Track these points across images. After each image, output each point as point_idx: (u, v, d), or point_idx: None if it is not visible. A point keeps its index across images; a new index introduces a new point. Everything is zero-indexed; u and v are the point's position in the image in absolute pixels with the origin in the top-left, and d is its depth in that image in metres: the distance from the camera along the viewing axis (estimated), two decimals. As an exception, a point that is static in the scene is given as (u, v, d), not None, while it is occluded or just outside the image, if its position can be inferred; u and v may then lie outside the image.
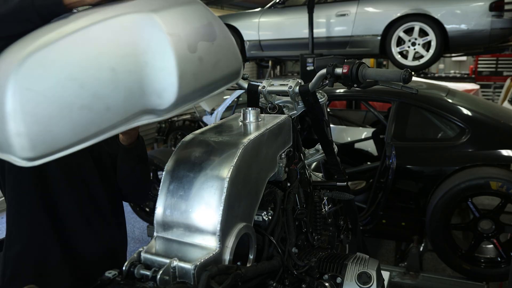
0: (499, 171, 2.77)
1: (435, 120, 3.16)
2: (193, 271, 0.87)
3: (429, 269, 3.51)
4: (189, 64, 0.95)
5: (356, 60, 1.25)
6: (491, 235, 2.83)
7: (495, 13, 4.70)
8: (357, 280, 1.22)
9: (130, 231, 4.57)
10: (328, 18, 5.56)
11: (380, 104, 5.36)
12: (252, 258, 1.06)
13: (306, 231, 1.38)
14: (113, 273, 0.88)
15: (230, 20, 6.12)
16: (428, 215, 2.88)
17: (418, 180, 3.07)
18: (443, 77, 10.09)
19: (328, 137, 1.60)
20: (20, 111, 0.77)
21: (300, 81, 1.41)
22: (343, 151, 3.98)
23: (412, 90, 1.20)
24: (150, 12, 0.91)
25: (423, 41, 5.01)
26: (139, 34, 0.89)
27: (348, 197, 1.67)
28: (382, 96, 3.31)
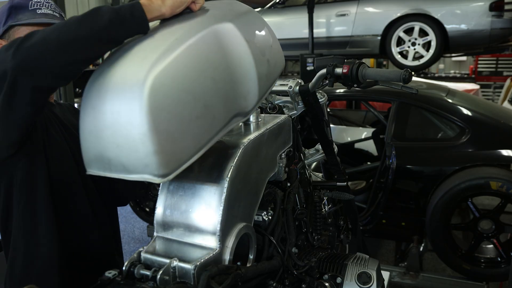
0: (499, 171, 2.77)
1: (435, 120, 3.16)
2: (193, 271, 0.87)
3: (429, 269, 3.51)
4: (263, 67, 1.05)
5: (356, 60, 1.25)
6: (491, 235, 2.83)
7: (495, 13, 4.71)
8: (357, 280, 1.22)
9: (130, 231, 4.57)
10: (328, 18, 5.56)
11: (380, 104, 5.36)
12: (252, 258, 1.06)
13: (306, 231, 1.38)
14: (113, 273, 0.88)
15: (230, 20, 6.11)
16: (428, 215, 2.88)
17: (418, 180, 3.07)
18: (443, 77, 10.09)
19: (328, 137, 1.60)
20: (155, 131, 0.79)
21: (300, 81, 1.41)
22: (343, 151, 3.98)
23: (412, 90, 1.20)
24: (229, 22, 0.98)
25: (423, 41, 5.01)
26: (226, 43, 0.96)
27: (348, 197, 1.67)
28: (382, 96, 3.31)
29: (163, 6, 0.94)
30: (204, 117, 0.90)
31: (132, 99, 0.80)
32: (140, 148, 0.80)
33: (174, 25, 0.94)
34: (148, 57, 0.83)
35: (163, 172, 0.82)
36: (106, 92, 0.83)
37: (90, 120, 0.85)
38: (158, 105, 0.80)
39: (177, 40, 0.87)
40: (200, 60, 0.89)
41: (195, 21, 0.96)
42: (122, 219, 4.62)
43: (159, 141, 0.80)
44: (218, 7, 1.07)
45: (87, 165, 0.89)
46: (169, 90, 0.82)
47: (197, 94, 0.88)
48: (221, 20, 0.98)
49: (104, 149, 0.84)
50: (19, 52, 0.87)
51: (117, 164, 0.83)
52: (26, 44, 0.88)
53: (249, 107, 1.04)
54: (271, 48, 1.12)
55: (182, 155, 0.85)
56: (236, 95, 0.97)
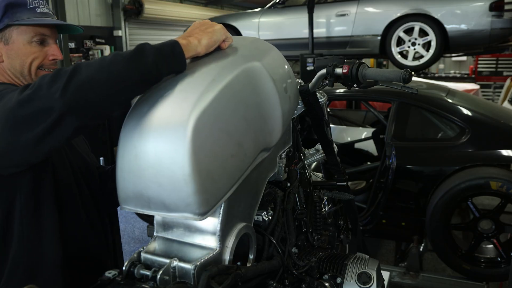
0: (499, 171, 2.77)
1: (435, 120, 3.16)
2: (193, 271, 0.87)
3: (429, 269, 3.52)
4: (286, 103, 1.10)
5: (356, 60, 1.25)
6: (491, 235, 2.83)
7: (495, 13, 4.70)
8: (357, 280, 1.22)
9: (130, 231, 4.57)
10: (328, 18, 5.56)
11: (380, 104, 5.36)
12: (252, 258, 1.06)
13: (306, 231, 1.38)
14: (113, 273, 0.88)
15: (230, 20, 6.11)
16: (428, 215, 2.88)
17: (418, 180, 3.07)
18: (443, 77, 10.09)
19: (328, 137, 1.59)
20: (197, 171, 0.82)
21: (300, 81, 1.41)
22: (343, 151, 3.98)
23: (412, 90, 1.20)
24: (257, 61, 1.03)
25: (423, 41, 5.01)
26: (255, 82, 1.01)
27: (348, 197, 1.67)
28: (382, 96, 3.32)
29: (199, 46, 0.98)
30: (238, 155, 0.94)
31: (176, 141, 0.82)
32: (183, 188, 0.82)
33: (208, 65, 0.98)
34: (188, 98, 0.86)
35: (203, 211, 0.85)
36: (149, 132, 0.86)
37: (131, 159, 0.88)
38: (200, 146, 0.83)
39: (214, 81, 0.90)
40: (234, 100, 0.93)
41: (228, 61, 1.00)
42: (122, 219, 4.62)
43: (201, 181, 0.83)
44: (245, 45, 1.12)
45: (123, 202, 0.91)
46: (209, 131, 0.86)
47: (232, 133, 0.92)
48: (250, 60, 1.02)
49: (145, 188, 0.86)
50: (68, 91, 0.86)
51: (157, 202, 0.86)
52: (74, 82, 0.86)
53: (274, 142, 1.09)
54: (291, 84, 1.17)
55: (219, 193, 0.89)
56: (263, 132, 1.02)
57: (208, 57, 1.01)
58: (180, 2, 8.94)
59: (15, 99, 0.89)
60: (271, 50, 1.16)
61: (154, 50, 0.91)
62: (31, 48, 1.18)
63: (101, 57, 0.93)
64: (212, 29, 1.03)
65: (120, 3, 7.23)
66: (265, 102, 1.03)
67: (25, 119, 0.88)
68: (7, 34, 1.16)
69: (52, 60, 1.22)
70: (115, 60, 0.89)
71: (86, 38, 6.58)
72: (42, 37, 1.19)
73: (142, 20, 7.61)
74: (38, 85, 0.88)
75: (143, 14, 7.37)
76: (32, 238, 1.15)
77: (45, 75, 0.90)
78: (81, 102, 0.87)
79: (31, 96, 0.88)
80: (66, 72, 0.88)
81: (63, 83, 0.86)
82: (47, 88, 0.87)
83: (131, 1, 7.39)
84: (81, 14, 6.58)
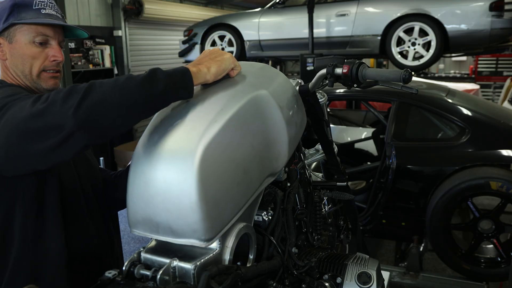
0: (499, 171, 2.77)
1: (435, 120, 3.16)
2: (193, 271, 0.87)
3: (429, 269, 3.51)
4: (292, 130, 1.13)
5: (356, 60, 1.25)
6: (491, 235, 2.83)
7: (495, 13, 4.70)
8: (357, 280, 1.21)
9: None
10: (328, 18, 5.55)
11: (380, 104, 5.36)
12: (252, 258, 1.06)
13: (306, 231, 1.38)
14: (113, 273, 0.88)
15: (230, 20, 6.11)
16: (428, 215, 2.88)
17: (418, 180, 3.07)
18: (443, 77, 10.09)
19: (328, 137, 1.59)
20: (204, 199, 0.85)
21: (300, 81, 1.41)
22: (343, 151, 3.98)
23: (412, 90, 1.20)
24: (265, 89, 1.05)
25: (423, 41, 5.00)
26: (262, 110, 1.03)
27: (348, 197, 1.67)
28: (382, 96, 3.32)
29: (208, 74, 1.01)
30: (244, 182, 0.96)
31: (184, 169, 0.86)
32: (190, 215, 0.85)
33: (217, 93, 1.01)
34: (197, 128, 0.90)
35: (209, 237, 0.87)
36: (158, 160, 0.89)
37: (141, 185, 0.91)
38: (207, 174, 0.86)
39: (222, 111, 0.93)
40: (241, 129, 0.96)
41: (236, 89, 1.03)
42: (122, 219, 4.60)
43: (207, 209, 0.86)
44: (253, 72, 1.14)
45: (133, 226, 0.94)
46: (216, 160, 0.89)
47: (238, 161, 0.95)
48: (258, 88, 1.05)
49: (153, 214, 0.89)
50: (81, 111, 0.87)
51: (165, 228, 0.89)
52: (88, 102, 0.88)
53: (279, 168, 1.11)
54: (297, 110, 1.20)
55: (225, 220, 0.92)
56: (269, 158, 1.04)
57: (217, 85, 1.04)
58: (180, 2, 8.93)
59: (28, 111, 0.90)
60: (278, 76, 1.19)
61: (166, 76, 0.94)
62: (32, 48, 1.20)
63: (115, 78, 0.94)
64: (221, 58, 1.05)
65: (120, 3, 7.22)
66: (272, 129, 1.05)
67: (36, 132, 0.89)
68: (11, 33, 1.19)
69: (53, 61, 1.23)
70: (128, 83, 0.91)
71: (86, 38, 6.59)
72: (44, 38, 1.20)
73: (142, 20, 7.60)
74: (52, 100, 0.89)
75: (143, 14, 7.36)
76: (36, 238, 1.15)
77: (59, 90, 0.92)
78: (93, 122, 0.89)
79: (44, 110, 0.89)
80: (80, 90, 0.89)
81: (77, 102, 0.87)
82: (61, 105, 0.88)
83: (131, 1, 7.38)
84: (81, 14, 6.58)
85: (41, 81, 1.23)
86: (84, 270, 1.24)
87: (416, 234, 3.09)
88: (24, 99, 0.95)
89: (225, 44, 6.14)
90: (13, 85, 1.19)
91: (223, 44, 6.15)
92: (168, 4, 8.20)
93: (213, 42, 6.22)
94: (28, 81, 1.22)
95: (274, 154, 1.07)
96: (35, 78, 1.22)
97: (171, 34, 8.49)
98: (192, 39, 6.29)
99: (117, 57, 7.33)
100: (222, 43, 6.17)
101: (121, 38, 7.32)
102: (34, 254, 1.15)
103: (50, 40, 1.22)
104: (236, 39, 6.04)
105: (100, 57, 6.83)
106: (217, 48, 1.12)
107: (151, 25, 8.06)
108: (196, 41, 6.26)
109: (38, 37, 1.19)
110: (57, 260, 1.17)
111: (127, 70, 7.48)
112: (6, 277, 1.14)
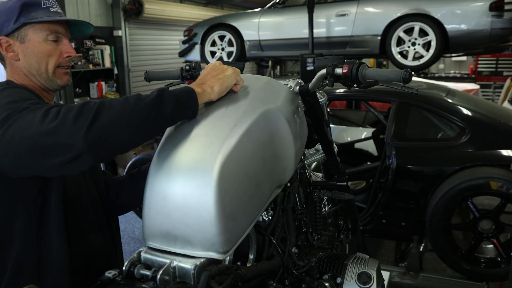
0: (499, 171, 2.77)
1: (435, 120, 3.16)
2: (193, 271, 0.87)
3: (429, 269, 3.51)
4: (298, 143, 1.17)
5: (356, 60, 1.25)
6: (491, 235, 2.83)
7: (495, 13, 4.70)
8: (357, 280, 1.21)
9: (130, 231, 4.57)
10: (328, 18, 5.55)
11: (380, 104, 5.36)
12: (252, 258, 1.06)
13: (306, 231, 1.38)
14: (113, 273, 0.88)
15: (230, 20, 6.11)
16: (428, 215, 2.88)
17: (418, 180, 3.07)
18: (443, 77, 10.09)
19: (328, 137, 1.59)
20: (222, 213, 0.88)
21: (300, 81, 1.40)
22: (343, 151, 3.98)
23: (412, 90, 1.20)
24: (273, 104, 1.10)
25: (423, 41, 5.00)
26: (272, 125, 1.07)
27: (348, 197, 1.67)
28: (382, 96, 3.32)
29: (212, 93, 1.04)
30: (257, 195, 1.00)
31: (203, 185, 0.88)
32: (208, 229, 0.88)
33: (228, 108, 1.04)
34: (214, 144, 0.93)
35: (226, 249, 0.90)
36: (176, 176, 0.92)
37: (159, 200, 0.93)
38: (225, 189, 0.89)
39: (236, 127, 0.97)
40: (254, 144, 1.00)
41: (247, 105, 1.06)
42: (122, 219, 4.62)
43: (225, 223, 0.89)
44: (260, 88, 1.17)
45: (149, 239, 0.95)
46: (232, 175, 0.92)
47: (252, 175, 0.98)
48: (267, 103, 1.09)
49: (172, 228, 0.91)
50: (91, 133, 0.88)
51: (183, 241, 0.91)
52: (98, 124, 0.89)
53: (286, 179, 1.15)
54: (300, 123, 1.24)
55: (240, 232, 0.95)
56: (278, 171, 1.07)
57: (228, 100, 1.08)
58: (180, 2, 8.93)
59: (38, 127, 0.90)
60: (284, 90, 1.22)
61: (173, 98, 0.96)
62: (46, 46, 1.22)
63: (124, 98, 0.95)
64: (223, 75, 1.08)
65: (120, 3, 7.22)
66: (280, 142, 1.09)
67: (46, 149, 0.90)
68: (22, 33, 1.20)
69: (66, 57, 1.25)
70: (136, 105, 0.93)
71: (86, 38, 6.56)
72: (57, 35, 1.23)
73: (142, 20, 7.60)
74: (63, 118, 0.90)
75: (143, 14, 7.35)
76: (39, 238, 1.15)
77: (69, 108, 0.92)
78: (102, 144, 0.90)
79: (55, 129, 0.89)
80: (90, 110, 0.90)
81: (87, 123, 0.89)
82: (71, 125, 0.89)
83: (131, 1, 7.38)
84: (81, 14, 6.57)
85: (57, 78, 1.25)
86: (88, 270, 1.24)
87: (416, 234, 3.09)
88: (32, 110, 0.95)
89: (225, 44, 6.14)
90: (20, 87, 1.19)
91: (223, 44, 6.15)
92: (168, 4, 8.20)
93: (213, 42, 6.22)
94: (43, 80, 1.23)
95: (282, 167, 1.11)
96: (50, 76, 1.23)
97: (171, 34, 8.49)
98: (192, 39, 6.29)
99: (117, 57, 7.33)
100: (222, 43, 6.17)
101: (121, 38, 7.32)
102: (36, 254, 1.15)
103: (62, 37, 1.25)
104: (236, 39, 6.04)
105: (100, 57, 6.83)
106: (218, 63, 1.10)
107: (151, 25, 8.06)
108: (196, 41, 6.26)
109: (51, 35, 1.21)
110: (60, 260, 1.17)
111: (127, 70, 7.48)
112: (6, 277, 1.13)
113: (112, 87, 7.28)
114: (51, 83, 1.25)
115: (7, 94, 1.07)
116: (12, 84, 1.21)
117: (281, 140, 1.09)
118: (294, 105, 1.23)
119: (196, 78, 1.56)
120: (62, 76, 1.26)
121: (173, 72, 1.57)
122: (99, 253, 1.29)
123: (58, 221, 1.16)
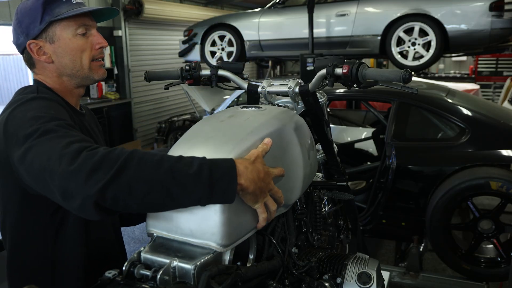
0: (499, 171, 2.77)
1: (435, 120, 3.16)
2: (193, 271, 0.87)
3: (429, 269, 3.51)
4: (307, 168, 1.20)
5: (356, 60, 1.25)
6: (491, 235, 2.83)
7: (495, 13, 4.70)
8: (357, 280, 1.22)
9: (130, 231, 4.57)
10: (328, 18, 5.55)
11: (380, 104, 5.36)
12: (252, 258, 1.06)
13: (306, 231, 1.38)
14: (113, 273, 0.88)
15: (230, 20, 6.11)
16: (428, 215, 2.88)
17: (418, 180, 3.07)
18: (443, 77, 10.09)
19: (328, 137, 1.60)
20: (229, 205, 0.90)
21: (300, 81, 1.41)
22: (343, 151, 3.98)
23: (412, 90, 1.20)
24: (289, 126, 1.15)
25: (423, 41, 5.00)
26: (286, 143, 1.12)
27: (348, 197, 1.67)
28: (382, 96, 3.31)
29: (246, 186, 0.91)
30: None
31: None
32: (212, 217, 0.89)
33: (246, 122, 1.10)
34: (228, 143, 0.99)
35: (226, 243, 0.91)
36: None
37: None
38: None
39: (252, 133, 1.03)
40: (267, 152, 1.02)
41: (265, 120, 1.12)
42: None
43: (229, 215, 0.90)
44: (278, 112, 1.21)
45: (151, 225, 0.96)
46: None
47: None
48: (284, 122, 1.14)
49: (176, 215, 0.92)
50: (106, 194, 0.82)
51: (185, 229, 0.92)
52: (114, 185, 0.82)
53: (291, 201, 1.16)
54: (313, 154, 1.28)
55: (241, 232, 0.96)
56: (285, 188, 1.07)
57: (248, 115, 1.14)
58: (180, 2, 8.92)
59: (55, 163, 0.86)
60: (301, 121, 1.26)
61: (208, 184, 0.85)
62: (77, 41, 1.17)
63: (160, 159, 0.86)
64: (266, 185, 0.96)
65: (120, 3, 7.22)
66: (291, 161, 1.12)
67: (57, 188, 0.86)
68: (50, 33, 1.14)
69: (98, 48, 1.21)
70: (171, 177, 0.84)
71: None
72: (85, 28, 1.18)
73: (142, 20, 7.59)
74: (80, 166, 0.84)
75: (143, 14, 7.35)
76: (55, 239, 1.14)
77: (92, 153, 0.85)
78: (113, 205, 0.85)
79: (70, 176, 0.84)
80: (114, 162, 0.83)
81: (106, 179, 0.82)
82: (87, 177, 0.82)
83: (131, 1, 7.38)
84: (81, 14, 6.59)
85: (93, 73, 1.21)
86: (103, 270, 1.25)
87: (416, 234, 3.09)
88: (52, 138, 0.91)
89: (225, 44, 6.14)
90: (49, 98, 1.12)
91: (223, 44, 6.15)
92: (168, 4, 8.20)
93: (213, 42, 6.22)
94: (79, 78, 1.19)
95: (289, 186, 1.12)
96: (86, 71, 1.19)
97: (171, 34, 8.49)
98: (192, 39, 6.29)
99: (117, 57, 7.33)
100: (222, 43, 6.17)
101: (121, 38, 7.32)
102: (53, 254, 1.14)
103: (90, 29, 1.20)
104: (236, 39, 6.04)
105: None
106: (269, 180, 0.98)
107: (151, 25, 8.06)
108: (196, 41, 6.26)
109: (80, 28, 1.16)
110: (75, 260, 1.16)
111: (127, 70, 7.48)
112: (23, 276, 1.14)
113: (112, 87, 7.29)
114: (87, 80, 1.21)
115: (34, 106, 1.03)
116: (41, 90, 1.15)
117: (292, 159, 1.13)
118: (307, 134, 1.26)
119: (196, 78, 1.57)
120: (98, 70, 1.22)
121: (173, 72, 1.57)
122: (113, 255, 1.30)
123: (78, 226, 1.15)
